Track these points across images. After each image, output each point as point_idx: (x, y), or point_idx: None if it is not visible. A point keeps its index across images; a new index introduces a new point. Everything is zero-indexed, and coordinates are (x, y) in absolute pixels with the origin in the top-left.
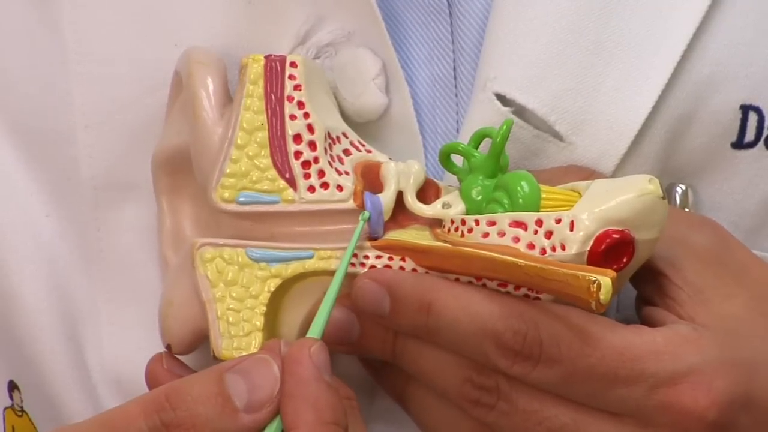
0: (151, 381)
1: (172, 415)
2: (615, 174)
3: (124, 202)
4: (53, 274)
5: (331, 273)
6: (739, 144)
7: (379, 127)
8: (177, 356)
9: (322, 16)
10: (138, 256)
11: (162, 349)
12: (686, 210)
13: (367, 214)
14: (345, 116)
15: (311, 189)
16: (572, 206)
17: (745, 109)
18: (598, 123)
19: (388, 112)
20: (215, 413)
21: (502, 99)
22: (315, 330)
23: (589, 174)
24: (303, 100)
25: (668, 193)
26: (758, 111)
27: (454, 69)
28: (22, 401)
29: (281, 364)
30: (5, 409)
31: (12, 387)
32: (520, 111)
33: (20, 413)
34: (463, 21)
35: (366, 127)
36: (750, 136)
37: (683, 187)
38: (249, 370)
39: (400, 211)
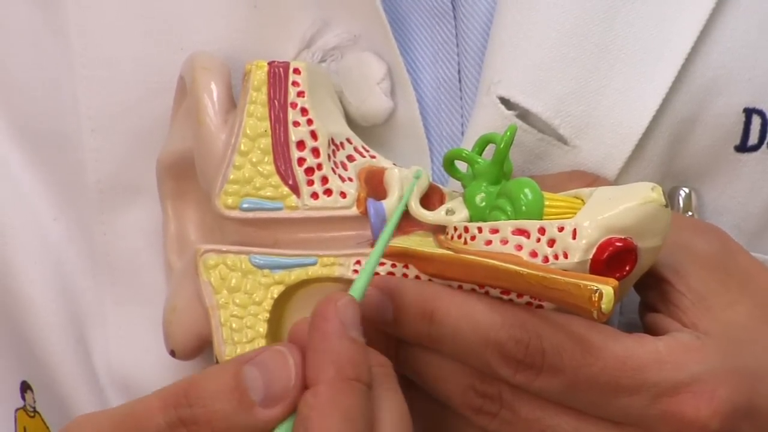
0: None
1: (189, 412)
2: (619, 177)
3: (130, 205)
4: (60, 276)
5: (334, 280)
6: (743, 147)
7: (384, 131)
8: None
9: (327, 20)
10: (144, 258)
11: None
12: (690, 214)
13: (420, 171)
14: (350, 120)
15: (314, 196)
16: (575, 214)
17: (749, 112)
18: (602, 126)
19: (393, 116)
20: (231, 408)
21: (506, 102)
22: (355, 288)
23: (593, 180)
24: (306, 106)
25: (672, 196)
26: (762, 114)
27: (459, 72)
28: (35, 402)
29: (300, 356)
30: (17, 410)
31: (25, 387)
32: (524, 114)
33: (32, 414)
34: (467, 24)
35: (371, 131)
36: (753, 139)
37: (687, 190)
38: (266, 363)
39: (404, 218)
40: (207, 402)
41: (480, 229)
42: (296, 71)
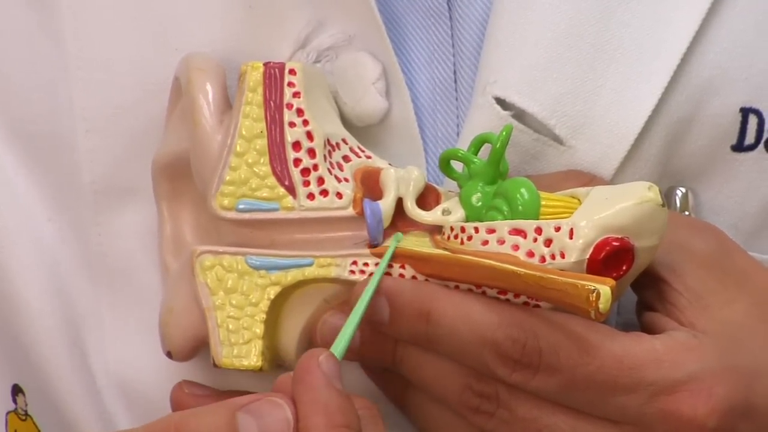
0: (177, 408)
1: None
2: (615, 177)
3: (125, 206)
4: (55, 278)
5: (331, 280)
6: (739, 147)
7: (379, 131)
8: (192, 380)
9: (322, 20)
10: (139, 259)
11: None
12: (686, 213)
13: (400, 235)
14: (345, 121)
15: (310, 196)
16: (572, 213)
17: (745, 112)
18: (598, 126)
19: (388, 117)
20: None
21: (502, 103)
22: (336, 347)
23: (589, 179)
24: (302, 107)
25: (668, 196)
26: (758, 114)
27: (455, 73)
28: (26, 405)
29: (294, 407)
30: (8, 413)
31: (16, 391)
32: (520, 115)
33: (24, 417)
34: (463, 25)
35: (366, 131)
36: (750, 138)
37: (683, 190)
38: (262, 413)
39: (400, 218)
40: None
41: (476, 229)
42: (292, 72)
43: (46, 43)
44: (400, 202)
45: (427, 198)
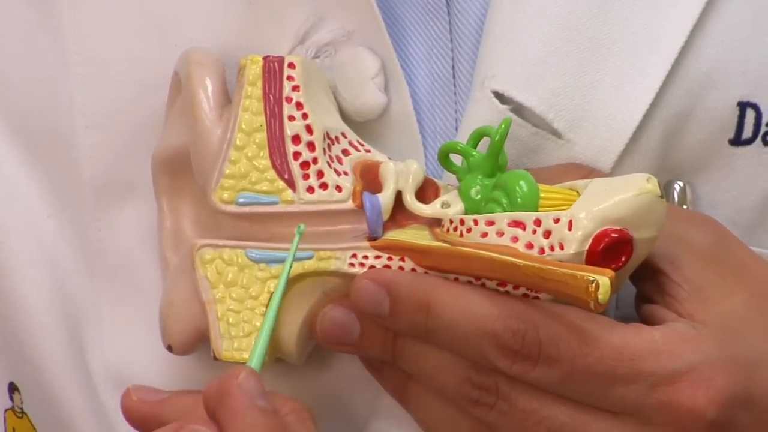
0: (128, 417)
1: None
2: (613, 171)
3: (124, 201)
4: (54, 274)
5: (330, 273)
6: (737, 141)
7: (378, 126)
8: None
9: (321, 15)
10: (139, 256)
11: (163, 349)
12: (685, 207)
13: (302, 227)
14: (344, 115)
15: (310, 190)
16: (571, 205)
17: (743, 106)
18: (596, 120)
19: (387, 112)
20: None
21: (501, 97)
22: (253, 360)
23: (588, 172)
24: (301, 100)
25: (666, 190)
26: (756, 108)
27: (453, 67)
28: (22, 402)
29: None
30: (6, 410)
31: (12, 388)
32: (519, 109)
33: (20, 414)
34: (461, 19)
35: (365, 126)
36: (747, 132)
37: (681, 184)
38: None
39: (400, 211)
40: None
41: (476, 222)
42: (291, 66)
43: (46, 39)
44: (399, 196)
45: (426, 191)
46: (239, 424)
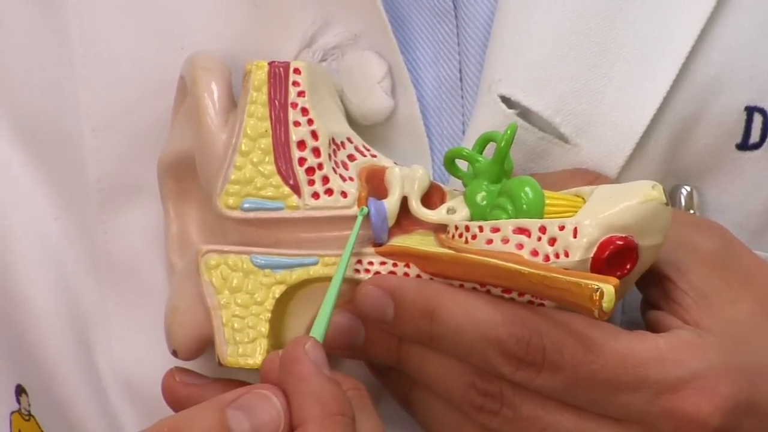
0: (168, 396)
1: None
2: (620, 175)
3: (131, 204)
4: (61, 276)
5: None
6: (744, 145)
7: (385, 130)
8: (187, 367)
9: (328, 18)
10: (145, 258)
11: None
12: (691, 212)
13: (365, 209)
14: (351, 119)
15: (315, 195)
16: (576, 212)
17: (750, 111)
18: (603, 125)
19: (394, 115)
20: None
21: (507, 101)
22: (316, 331)
23: (594, 178)
24: (307, 106)
25: (673, 194)
26: (763, 112)
27: (460, 71)
28: (29, 405)
29: (283, 396)
30: (12, 413)
31: (20, 391)
32: (525, 113)
33: (27, 417)
34: (468, 23)
35: (372, 130)
36: (755, 137)
37: (688, 188)
38: (251, 407)
39: (405, 217)
40: None
41: (481, 228)
42: (296, 71)
43: (52, 42)
44: (405, 201)
45: (431, 197)
46: (307, 389)
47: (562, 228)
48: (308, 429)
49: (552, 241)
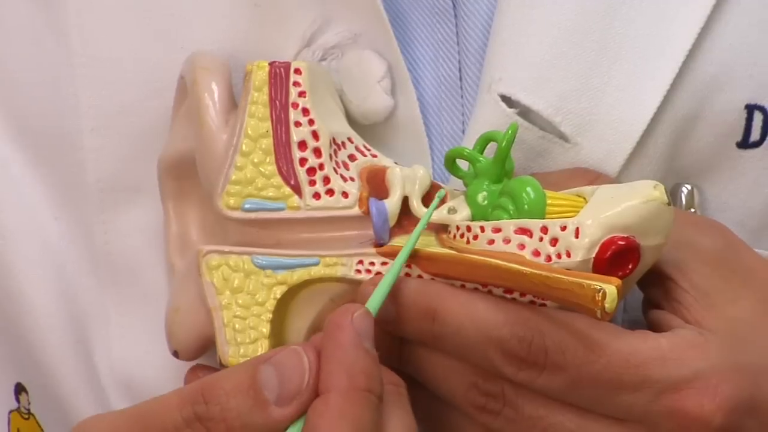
0: None
1: (205, 408)
2: (621, 174)
3: (130, 204)
4: (61, 276)
5: (337, 280)
6: (745, 143)
7: (385, 129)
8: (209, 367)
9: (328, 18)
10: (145, 258)
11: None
12: (692, 210)
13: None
14: (351, 119)
15: (316, 196)
16: (577, 212)
17: (750, 109)
18: (604, 123)
19: (394, 115)
20: (246, 406)
21: (508, 100)
22: (371, 303)
23: (595, 177)
24: (308, 106)
25: (674, 193)
26: (763, 110)
27: (460, 70)
28: (29, 404)
29: (315, 356)
30: (10, 412)
31: (19, 389)
32: (525, 112)
33: (27, 416)
34: (468, 22)
35: (372, 129)
36: (755, 135)
37: (689, 187)
38: (282, 362)
39: (406, 217)
40: (222, 399)
41: (482, 229)
42: (297, 71)
43: (51, 41)
44: (406, 201)
45: (432, 196)
46: (341, 357)
47: (563, 228)
48: (331, 398)
49: (554, 242)
